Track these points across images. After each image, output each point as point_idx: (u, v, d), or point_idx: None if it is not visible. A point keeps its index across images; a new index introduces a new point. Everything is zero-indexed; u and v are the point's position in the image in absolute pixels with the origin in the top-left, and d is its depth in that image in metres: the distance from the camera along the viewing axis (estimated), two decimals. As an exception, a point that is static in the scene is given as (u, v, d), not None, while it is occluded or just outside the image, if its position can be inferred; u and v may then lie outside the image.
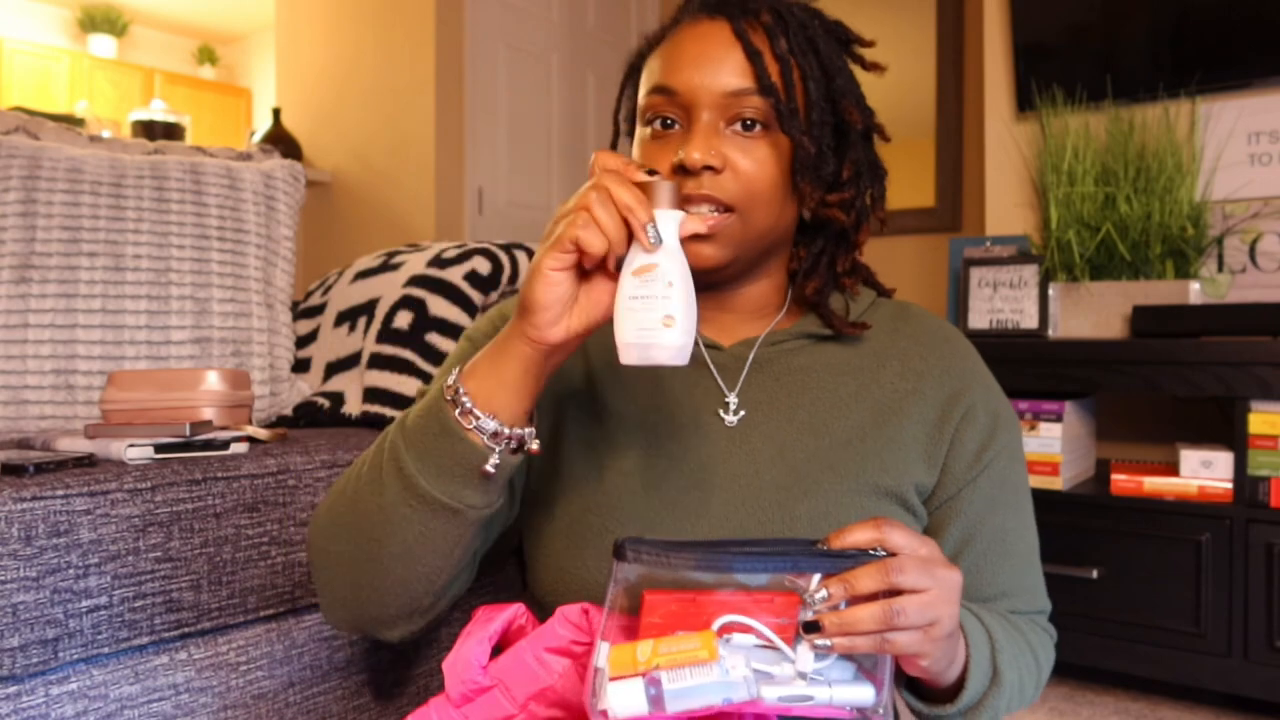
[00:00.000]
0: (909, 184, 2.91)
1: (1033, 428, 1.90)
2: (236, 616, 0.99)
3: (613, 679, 0.59)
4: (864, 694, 0.61)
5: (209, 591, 0.96)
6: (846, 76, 0.79)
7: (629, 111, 0.84)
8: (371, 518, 0.71)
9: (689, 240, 0.69)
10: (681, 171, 0.73)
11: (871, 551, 0.61)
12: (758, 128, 0.74)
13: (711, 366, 0.81)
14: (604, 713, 0.59)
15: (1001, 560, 0.79)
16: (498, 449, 0.67)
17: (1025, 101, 2.29)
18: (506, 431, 0.67)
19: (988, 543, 0.78)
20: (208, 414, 1.11)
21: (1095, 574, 1.78)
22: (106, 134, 2.52)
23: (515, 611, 0.72)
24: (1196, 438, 2.07)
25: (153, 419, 1.03)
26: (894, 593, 0.60)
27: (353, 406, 1.40)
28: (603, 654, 0.60)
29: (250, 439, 1.08)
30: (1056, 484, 1.87)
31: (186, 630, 0.95)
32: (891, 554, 0.61)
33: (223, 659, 0.98)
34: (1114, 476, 1.84)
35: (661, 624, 0.60)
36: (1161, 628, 1.75)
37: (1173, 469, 1.82)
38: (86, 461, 0.94)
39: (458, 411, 0.67)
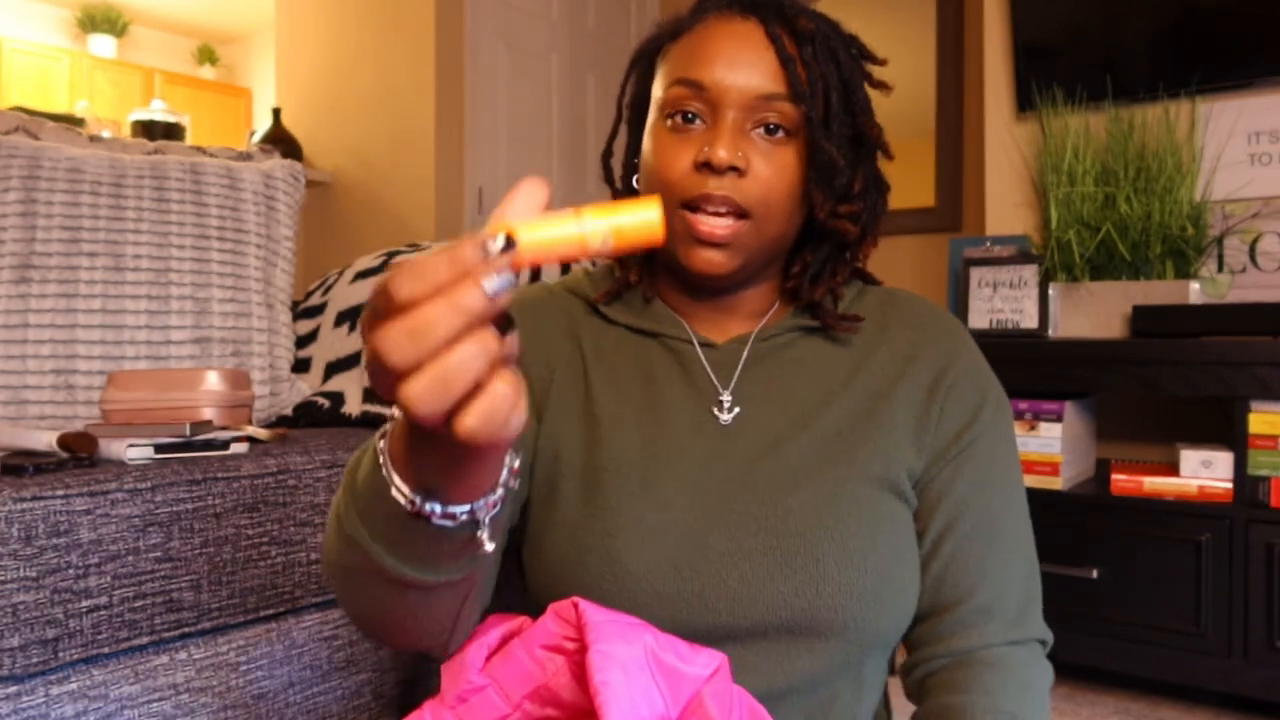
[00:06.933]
0: (909, 184, 2.91)
1: (1033, 428, 1.90)
2: (236, 616, 0.99)
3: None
4: None
5: (209, 591, 0.96)
6: (863, 91, 0.79)
7: (634, 98, 0.83)
8: (360, 598, 0.60)
9: (699, 246, 0.71)
10: (705, 169, 0.72)
11: None
12: (781, 133, 0.73)
13: (706, 365, 0.81)
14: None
15: (989, 544, 0.75)
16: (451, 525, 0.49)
17: (1025, 101, 2.29)
18: (439, 510, 0.48)
19: (973, 524, 0.76)
20: (208, 414, 1.11)
21: (1095, 574, 1.78)
22: (106, 134, 2.51)
23: (522, 622, 0.72)
24: (1196, 438, 2.07)
25: (153, 419, 1.03)
26: None
27: (353, 406, 1.40)
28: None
29: (250, 439, 1.08)
30: (1056, 484, 1.87)
31: (186, 630, 0.95)
32: None
33: (223, 659, 0.98)
34: (1114, 476, 1.83)
35: None
36: (1161, 628, 1.74)
37: (1173, 469, 1.82)
38: (86, 461, 0.94)
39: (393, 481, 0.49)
